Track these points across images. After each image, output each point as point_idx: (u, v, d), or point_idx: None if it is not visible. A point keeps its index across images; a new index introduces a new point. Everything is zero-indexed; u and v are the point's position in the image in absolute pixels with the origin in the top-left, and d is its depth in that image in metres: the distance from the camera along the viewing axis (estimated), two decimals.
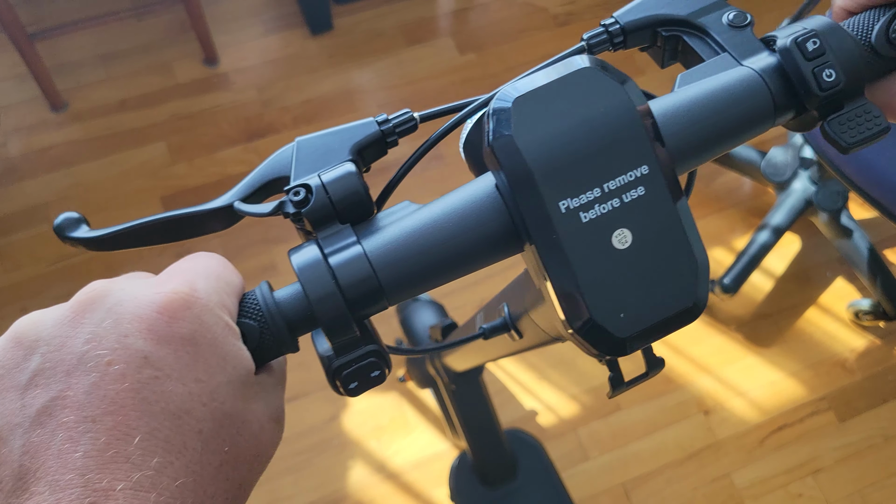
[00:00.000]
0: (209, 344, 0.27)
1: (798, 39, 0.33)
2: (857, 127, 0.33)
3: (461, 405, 1.04)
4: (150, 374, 0.25)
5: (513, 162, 0.29)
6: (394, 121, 0.35)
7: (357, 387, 0.32)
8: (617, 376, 0.32)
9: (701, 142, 0.33)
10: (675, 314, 0.29)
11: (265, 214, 0.33)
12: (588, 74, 0.30)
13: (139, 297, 0.27)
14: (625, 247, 0.29)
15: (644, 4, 0.38)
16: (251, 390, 0.29)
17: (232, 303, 0.30)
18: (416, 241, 0.31)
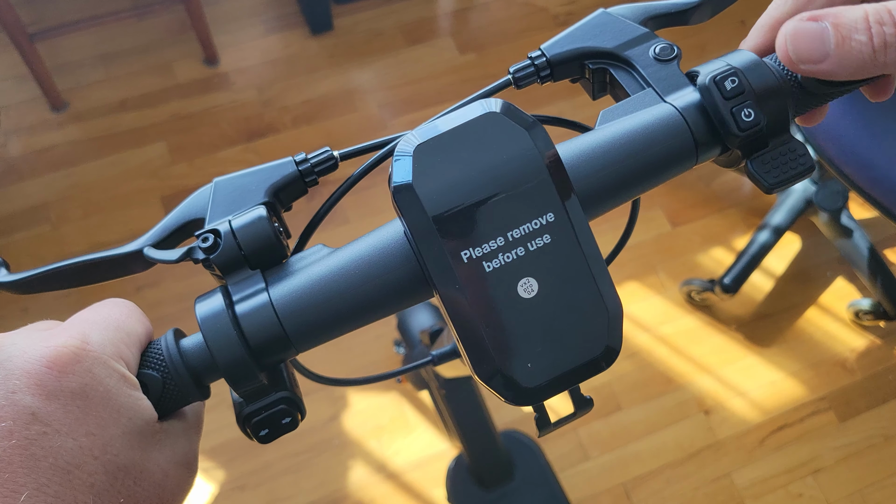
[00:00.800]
0: (101, 397, 0.27)
1: (717, 78, 0.32)
2: (781, 167, 0.32)
3: (454, 408, 1.04)
4: (39, 429, 0.25)
5: (413, 211, 0.28)
6: (312, 160, 0.35)
7: (268, 434, 0.31)
8: (543, 417, 0.32)
9: (615, 184, 0.32)
10: (585, 363, 0.29)
11: (174, 261, 0.32)
12: (492, 120, 0.29)
13: (28, 352, 0.27)
14: (531, 296, 0.29)
15: (571, 36, 0.37)
16: (152, 439, 0.29)
17: (131, 353, 0.30)
18: (323, 288, 0.30)
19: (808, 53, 0.29)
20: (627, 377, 1.38)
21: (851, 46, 0.28)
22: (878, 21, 0.28)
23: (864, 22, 0.28)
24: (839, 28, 0.28)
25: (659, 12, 0.37)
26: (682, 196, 1.58)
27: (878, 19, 0.28)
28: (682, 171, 0.33)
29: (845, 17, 0.28)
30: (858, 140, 0.88)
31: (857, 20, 0.28)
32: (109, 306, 0.31)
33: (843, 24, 0.28)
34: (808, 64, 0.29)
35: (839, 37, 0.28)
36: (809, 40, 0.29)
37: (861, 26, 0.28)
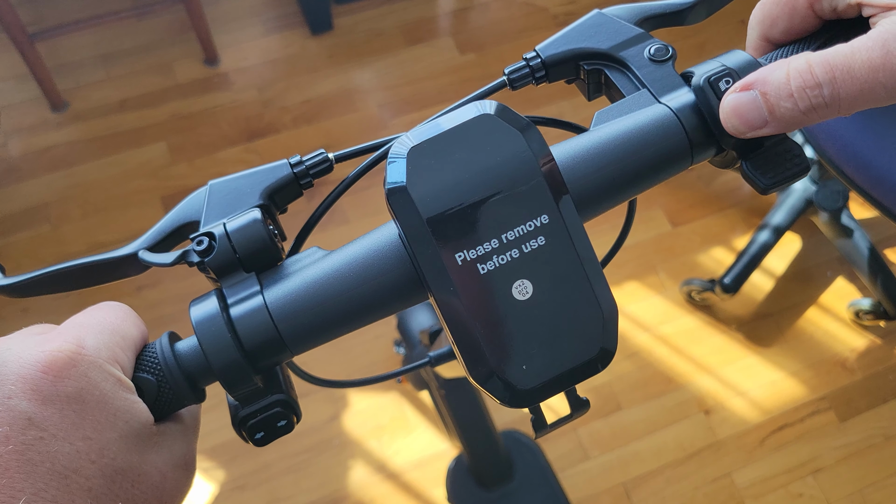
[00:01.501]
0: (97, 401, 0.27)
1: (711, 78, 0.32)
2: (776, 167, 0.32)
3: (454, 408, 1.04)
4: (35, 434, 0.25)
5: (407, 213, 0.28)
6: (307, 162, 0.35)
7: (263, 437, 0.32)
8: (539, 419, 0.32)
9: (610, 186, 0.32)
10: (580, 364, 0.29)
11: (169, 264, 0.32)
12: (486, 122, 0.29)
13: (23, 357, 0.27)
14: (525, 298, 0.29)
15: (566, 37, 0.37)
16: (149, 442, 0.29)
17: (127, 357, 0.30)
18: (318, 291, 0.30)
19: (749, 123, 0.30)
20: (627, 377, 1.38)
21: (782, 112, 0.29)
22: (801, 86, 0.28)
23: (786, 87, 0.28)
24: (767, 97, 0.29)
25: (654, 13, 0.37)
26: (682, 196, 1.58)
27: (801, 83, 0.28)
28: (677, 171, 0.33)
29: (771, 83, 0.29)
30: (859, 140, 0.88)
31: (780, 86, 0.29)
32: (104, 310, 0.31)
33: (770, 91, 0.29)
34: (753, 131, 0.30)
35: (769, 105, 0.29)
36: (747, 111, 0.30)
37: (784, 92, 0.28)
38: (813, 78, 0.28)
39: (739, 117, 0.30)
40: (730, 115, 0.30)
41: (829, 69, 0.28)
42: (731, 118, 0.30)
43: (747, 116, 0.30)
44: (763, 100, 0.29)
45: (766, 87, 0.29)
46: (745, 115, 0.30)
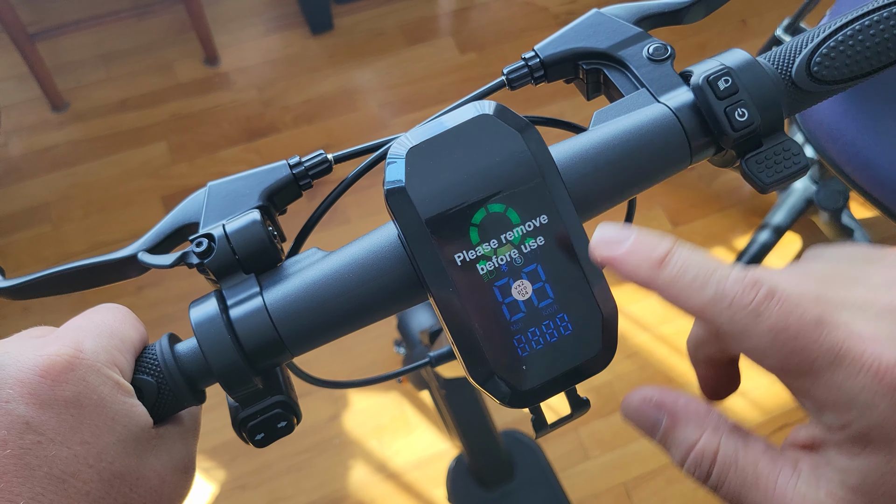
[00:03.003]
0: (95, 405, 0.27)
1: (710, 78, 0.32)
2: (776, 166, 0.32)
3: (454, 408, 1.04)
4: (33, 439, 0.25)
5: (406, 214, 0.28)
6: (306, 163, 0.35)
7: (263, 438, 0.32)
8: (539, 419, 0.32)
9: (609, 185, 0.32)
10: (580, 364, 0.29)
11: (168, 266, 0.32)
12: (485, 122, 0.29)
13: (21, 361, 0.27)
14: (525, 298, 0.29)
15: (565, 37, 0.37)
16: (148, 445, 0.29)
17: (126, 360, 0.30)
18: (318, 292, 0.30)
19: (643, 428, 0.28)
20: (628, 377, 1.38)
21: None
22: (695, 462, 0.26)
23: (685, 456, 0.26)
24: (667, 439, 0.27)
25: (652, 12, 0.37)
26: (682, 195, 1.58)
27: (695, 460, 0.26)
28: (676, 171, 0.33)
29: (677, 436, 0.26)
30: (859, 139, 0.88)
31: (683, 452, 0.26)
32: (103, 312, 0.31)
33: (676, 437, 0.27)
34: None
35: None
36: (643, 421, 0.27)
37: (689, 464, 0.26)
38: (711, 464, 0.26)
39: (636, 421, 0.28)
40: (628, 414, 0.28)
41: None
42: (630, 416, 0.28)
43: (642, 426, 0.28)
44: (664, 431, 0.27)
45: (671, 434, 0.27)
46: (640, 423, 0.28)
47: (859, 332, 0.24)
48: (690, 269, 0.25)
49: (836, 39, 0.33)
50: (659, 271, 0.25)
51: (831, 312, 0.24)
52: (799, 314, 0.23)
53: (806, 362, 0.23)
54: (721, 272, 0.24)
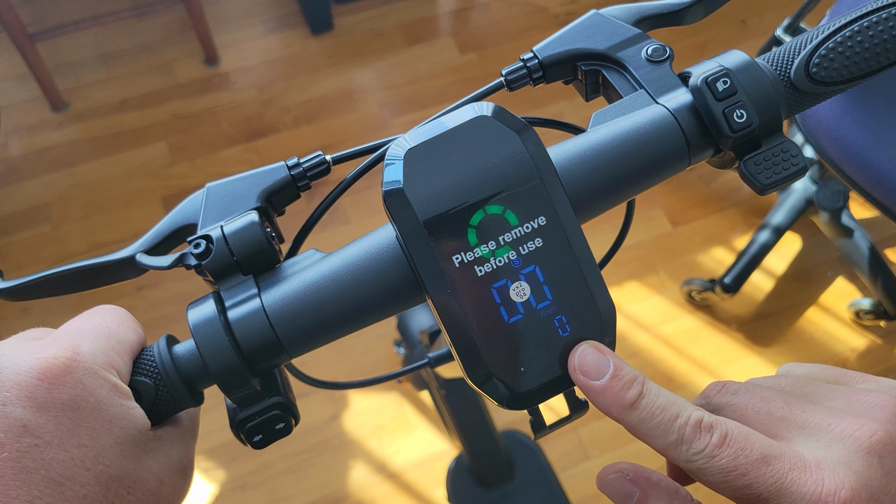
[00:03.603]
0: (92, 407, 0.27)
1: (708, 79, 0.32)
2: (774, 167, 0.32)
3: (454, 408, 1.04)
4: (30, 442, 0.25)
5: (404, 216, 0.28)
6: (305, 164, 0.35)
7: (261, 440, 0.31)
8: (538, 420, 0.31)
9: (607, 186, 0.32)
10: None
11: (166, 267, 0.32)
12: (483, 123, 0.29)
13: (18, 364, 0.27)
14: (523, 300, 0.29)
15: (563, 38, 0.37)
16: (145, 448, 0.29)
17: (123, 362, 0.30)
18: (316, 293, 0.30)
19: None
20: None
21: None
22: None
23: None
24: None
25: (651, 13, 0.37)
26: (682, 196, 1.58)
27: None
28: (674, 172, 0.33)
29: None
30: (859, 139, 0.88)
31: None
32: (101, 314, 0.31)
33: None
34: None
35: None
36: (616, 493, 0.29)
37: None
38: None
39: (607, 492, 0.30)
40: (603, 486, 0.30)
41: None
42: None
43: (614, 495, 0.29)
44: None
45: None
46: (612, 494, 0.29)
47: (805, 458, 0.26)
48: (656, 415, 0.28)
49: (835, 40, 0.33)
50: (627, 413, 0.28)
51: (786, 437, 0.27)
52: (746, 454, 0.26)
53: (753, 495, 0.26)
54: (682, 419, 0.27)
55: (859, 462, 0.26)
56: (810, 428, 0.27)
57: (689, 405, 0.28)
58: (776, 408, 0.28)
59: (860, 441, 0.26)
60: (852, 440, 0.26)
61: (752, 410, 0.28)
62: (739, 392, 0.29)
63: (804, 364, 0.33)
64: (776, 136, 0.32)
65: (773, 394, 0.29)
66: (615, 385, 0.28)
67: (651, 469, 0.29)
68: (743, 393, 0.29)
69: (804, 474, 0.26)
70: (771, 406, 0.28)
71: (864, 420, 0.27)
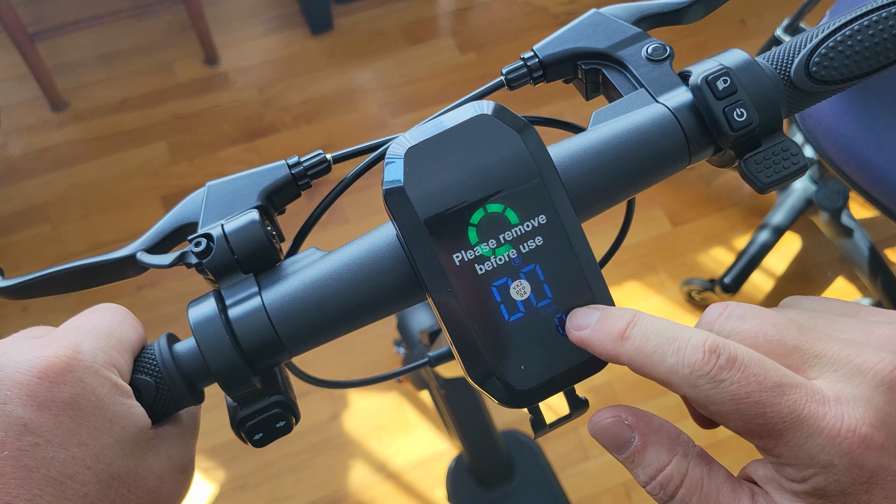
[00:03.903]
0: (93, 406, 0.27)
1: (709, 77, 0.32)
2: (774, 166, 0.32)
3: (454, 408, 1.04)
4: (31, 440, 0.25)
5: (404, 214, 0.28)
6: (305, 163, 0.35)
7: (262, 438, 0.32)
8: (538, 419, 0.31)
9: (608, 185, 0.32)
10: (578, 365, 0.29)
11: (167, 266, 0.32)
12: (483, 122, 0.29)
13: (19, 362, 0.27)
14: (523, 298, 0.29)
15: (564, 37, 0.37)
16: (146, 446, 0.29)
17: (124, 360, 0.30)
18: (316, 292, 0.30)
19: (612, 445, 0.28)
20: (628, 377, 1.38)
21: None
22: (661, 484, 0.26)
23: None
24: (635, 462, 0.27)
25: (651, 12, 0.37)
26: (682, 195, 1.58)
27: (661, 483, 0.26)
28: (674, 171, 0.33)
29: (646, 458, 0.27)
30: (859, 139, 0.88)
31: (650, 473, 0.26)
32: (101, 312, 0.31)
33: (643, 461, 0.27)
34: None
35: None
36: (612, 439, 0.28)
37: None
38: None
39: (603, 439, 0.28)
40: (595, 431, 0.28)
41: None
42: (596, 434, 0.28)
43: (610, 441, 0.28)
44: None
45: (640, 457, 0.27)
46: (609, 439, 0.28)
47: (823, 392, 0.24)
48: (651, 339, 0.26)
49: (835, 39, 0.33)
50: (622, 344, 0.26)
51: (801, 368, 0.25)
52: (759, 380, 0.24)
53: (767, 426, 0.24)
54: (681, 340, 0.25)
55: (879, 397, 0.24)
56: (826, 359, 0.25)
57: (688, 328, 0.26)
58: (790, 336, 0.26)
59: (881, 375, 0.24)
60: (872, 374, 0.24)
61: (764, 338, 0.26)
62: (747, 317, 0.27)
63: (808, 297, 0.30)
64: (776, 134, 0.33)
65: (786, 321, 0.27)
66: (605, 322, 0.27)
67: (650, 413, 0.27)
68: (751, 318, 0.27)
69: (823, 407, 0.24)
70: (784, 334, 0.26)
71: (884, 353, 0.25)
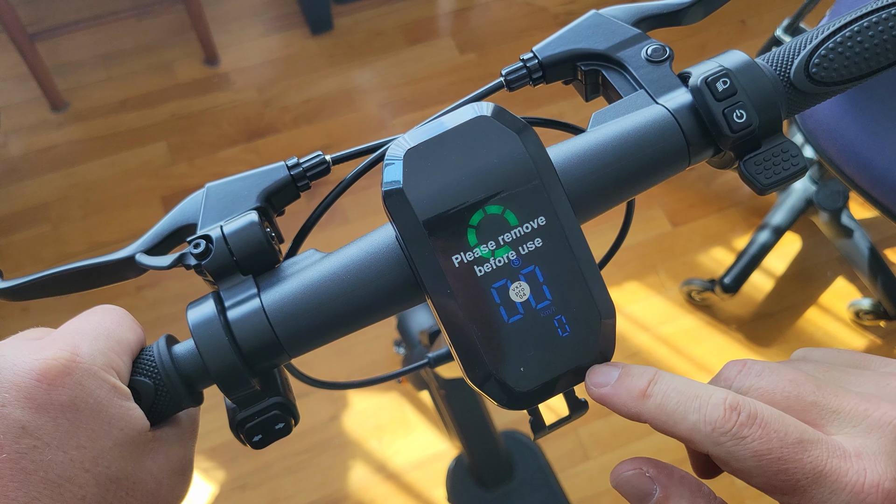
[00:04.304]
0: (91, 409, 0.27)
1: (708, 79, 0.32)
2: (774, 167, 0.32)
3: (454, 408, 1.04)
4: (29, 443, 0.25)
5: (404, 216, 0.28)
6: (304, 164, 0.35)
7: (261, 440, 0.31)
8: (538, 420, 0.31)
9: (607, 187, 0.32)
10: (578, 366, 0.29)
11: (166, 267, 0.32)
12: (483, 123, 0.29)
13: (18, 364, 0.27)
14: (522, 300, 0.29)
15: (563, 38, 0.37)
16: (145, 448, 0.29)
17: (123, 362, 0.30)
18: (315, 293, 0.30)
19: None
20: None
21: None
22: None
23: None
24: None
25: (651, 13, 0.37)
26: (682, 196, 1.58)
27: None
28: (674, 172, 0.33)
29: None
30: (859, 140, 0.88)
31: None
32: (100, 314, 0.31)
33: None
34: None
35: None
36: (634, 491, 0.27)
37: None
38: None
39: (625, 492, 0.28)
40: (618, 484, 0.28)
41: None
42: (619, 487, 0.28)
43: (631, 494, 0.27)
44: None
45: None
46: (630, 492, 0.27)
47: (844, 447, 0.24)
48: (672, 397, 0.26)
49: (835, 41, 0.33)
50: (643, 402, 0.27)
51: (820, 423, 0.25)
52: (780, 437, 0.24)
53: (790, 482, 0.24)
54: (702, 398, 0.25)
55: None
56: (844, 414, 0.25)
57: (708, 386, 0.26)
58: (807, 392, 0.26)
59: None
60: (891, 428, 0.25)
61: (782, 395, 0.26)
62: (764, 374, 0.27)
63: (819, 348, 0.31)
64: (776, 136, 0.32)
65: (803, 377, 0.27)
66: (625, 380, 0.27)
67: (671, 465, 0.27)
68: (768, 375, 0.27)
69: (845, 462, 0.24)
70: (801, 390, 0.26)
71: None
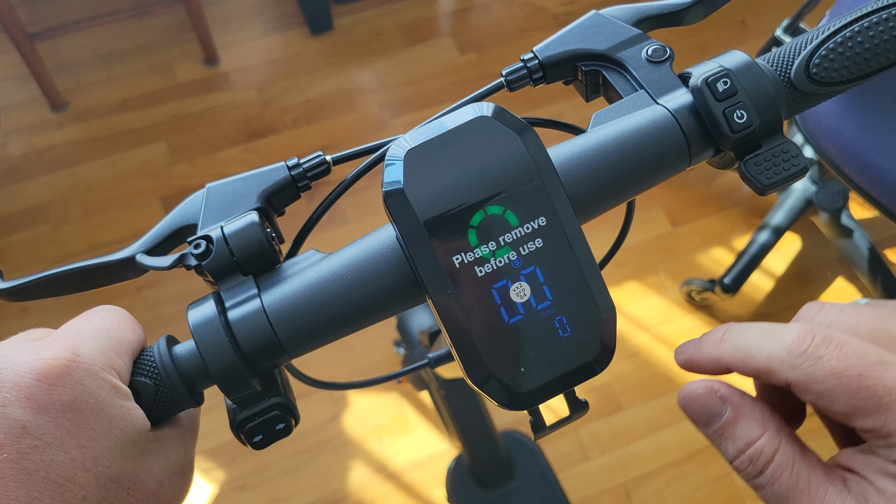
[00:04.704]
0: (92, 409, 0.27)
1: (709, 79, 0.32)
2: (774, 167, 0.32)
3: (454, 409, 1.04)
4: (30, 443, 0.25)
5: (404, 216, 0.28)
6: (305, 165, 0.35)
7: (261, 440, 0.32)
8: (538, 421, 0.31)
9: (608, 187, 0.32)
10: (578, 367, 0.29)
11: (166, 268, 0.32)
12: (483, 124, 0.29)
13: (18, 365, 0.27)
14: (523, 300, 0.29)
15: (564, 38, 0.37)
16: (145, 448, 0.29)
17: (123, 362, 0.30)
18: (316, 294, 0.30)
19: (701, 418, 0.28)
20: (628, 377, 1.38)
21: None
22: (750, 458, 0.27)
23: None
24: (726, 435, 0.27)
25: (651, 13, 0.37)
26: (682, 196, 1.58)
27: (751, 457, 0.27)
28: (675, 172, 0.33)
29: (737, 431, 0.27)
30: (858, 140, 0.88)
31: (739, 447, 0.27)
32: (100, 314, 0.31)
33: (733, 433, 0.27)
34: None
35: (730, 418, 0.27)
36: (703, 410, 0.28)
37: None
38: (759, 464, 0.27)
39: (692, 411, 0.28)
40: (685, 403, 0.29)
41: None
42: (685, 406, 0.29)
43: (700, 413, 0.28)
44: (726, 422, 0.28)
45: (733, 427, 0.27)
46: (699, 412, 0.28)
47: None
48: (748, 334, 0.27)
49: (836, 41, 0.33)
50: (721, 346, 0.28)
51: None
52: (860, 355, 0.24)
53: (874, 399, 0.24)
54: (777, 330, 0.26)
55: None
56: None
57: (783, 324, 0.26)
58: (891, 326, 0.26)
59: None
60: None
61: (865, 328, 0.26)
62: (845, 310, 0.27)
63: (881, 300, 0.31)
64: (776, 136, 0.33)
65: (886, 312, 0.27)
66: (704, 338, 0.28)
67: (743, 390, 0.27)
68: (850, 311, 0.27)
69: None
70: (887, 323, 0.26)
71: None
